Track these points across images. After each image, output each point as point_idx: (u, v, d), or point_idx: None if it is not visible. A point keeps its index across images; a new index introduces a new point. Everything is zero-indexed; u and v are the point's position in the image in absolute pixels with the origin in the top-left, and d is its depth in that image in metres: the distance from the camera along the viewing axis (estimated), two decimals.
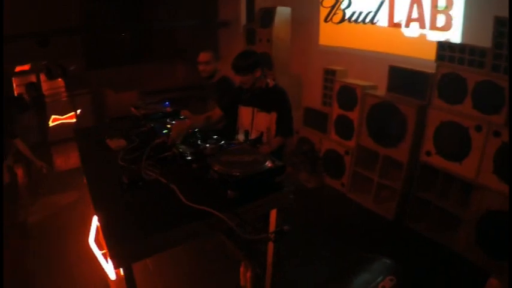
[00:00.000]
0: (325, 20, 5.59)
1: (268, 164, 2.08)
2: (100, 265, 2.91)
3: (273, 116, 3.01)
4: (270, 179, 2.09)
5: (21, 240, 4.03)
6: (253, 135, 3.14)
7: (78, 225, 3.87)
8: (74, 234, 3.82)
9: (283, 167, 2.14)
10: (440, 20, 4.06)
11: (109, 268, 2.64)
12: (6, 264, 3.58)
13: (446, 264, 3.51)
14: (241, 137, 3.22)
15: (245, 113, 3.19)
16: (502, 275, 2.92)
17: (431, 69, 3.80)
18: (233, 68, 3.02)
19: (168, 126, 3.09)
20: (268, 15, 5.78)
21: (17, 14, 5.77)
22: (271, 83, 3.10)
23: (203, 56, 3.46)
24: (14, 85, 6.46)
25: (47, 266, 3.52)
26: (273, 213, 2.28)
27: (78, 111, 6.40)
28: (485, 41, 3.34)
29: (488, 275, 2.95)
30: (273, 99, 3.03)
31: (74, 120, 6.42)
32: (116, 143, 2.79)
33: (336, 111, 4.80)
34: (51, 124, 6.58)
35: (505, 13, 3.08)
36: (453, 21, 3.93)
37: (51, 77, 5.62)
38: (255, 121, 3.12)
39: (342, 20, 5.32)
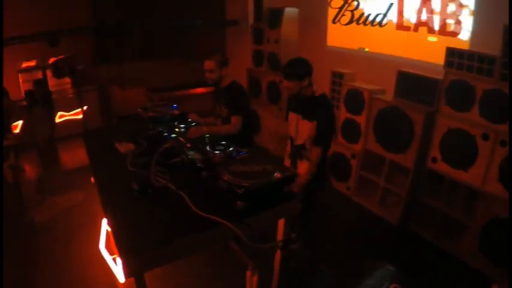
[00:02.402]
0: (333, 21, 5.59)
1: (277, 174, 2.09)
2: (108, 266, 2.93)
3: (315, 124, 3.02)
4: (279, 189, 2.11)
5: (29, 239, 4.07)
6: (298, 141, 3.18)
7: (86, 225, 3.91)
8: (81, 234, 3.86)
9: (292, 177, 2.15)
10: (450, 25, 4.05)
11: (118, 271, 2.66)
12: (13, 262, 3.63)
13: (451, 271, 3.53)
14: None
15: (291, 119, 3.24)
16: (504, 282, 2.94)
17: (439, 74, 3.80)
18: (282, 72, 3.07)
19: (176, 130, 3.12)
20: (276, 15, 5.78)
21: (27, 14, 5.82)
22: (317, 92, 3.09)
23: (207, 64, 3.46)
24: (20, 81, 6.49)
25: (54, 265, 3.56)
26: (281, 222, 2.30)
27: (85, 107, 6.42)
28: (494, 48, 3.33)
29: (491, 283, 2.96)
30: (314, 108, 3.04)
31: (81, 116, 6.44)
32: (124, 147, 2.81)
33: (343, 114, 4.80)
34: (57, 120, 6.61)
35: None
36: (462, 27, 3.93)
37: (59, 75, 5.63)
38: (299, 128, 3.15)
39: (350, 21, 5.32)
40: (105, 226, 3.11)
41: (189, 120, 3.40)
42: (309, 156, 3.13)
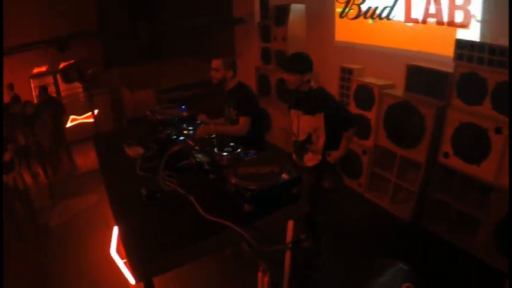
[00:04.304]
0: (341, 16, 5.53)
1: (284, 176, 2.08)
2: (119, 268, 2.96)
3: (319, 117, 3.07)
4: (287, 190, 2.09)
5: (42, 242, 4.13)
6: (300, 137, 3.24)
7: (99, 227, 3.95)
8: (94, 236, 3.91)
9: (299, 178, 2.14)
10: (459, 16, 3.98)
11: (129, 275, 2.68)
12: (26, 265, 3.70)
13: (464, 267, 3.49)
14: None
15: (293, 116, 3.30)
16: None
17: (449, 66, 3.73)
18: (283, 66, 3.12)
19: (185, 132, 3.12)
20: (282, 12, 5.74)
21: (36, 20, 5.89)
22: (314, 85, 3.12)
23: (213, 63, 3.48)
24: (32, 86, 6.58)
25: (67, 267, 3.61)
26: (290, 223, 2.29)
27: (96, 111, 6.47)
28: (506, 39, 3.26)
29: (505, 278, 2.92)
30: (315, 102, 3.08)
31: (92, 120, 6.51)
32: (134, 151, 2.82)
33: (353, 110, 4.73)
34: (69, 124, 6.69)
35: None
36: (472, 18, 3.85)
37: (68, 80, 5.67)
38: (300, 124, 3.21)
39: (358, 15, 5.26)
40: (116, 230, 3.13)
41: (198, 121, 3.40)
42: (314, 148, 3.17)
